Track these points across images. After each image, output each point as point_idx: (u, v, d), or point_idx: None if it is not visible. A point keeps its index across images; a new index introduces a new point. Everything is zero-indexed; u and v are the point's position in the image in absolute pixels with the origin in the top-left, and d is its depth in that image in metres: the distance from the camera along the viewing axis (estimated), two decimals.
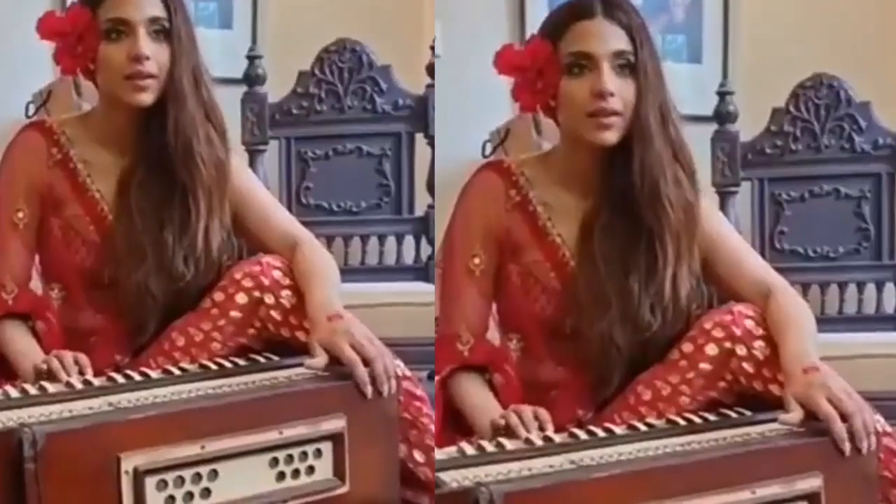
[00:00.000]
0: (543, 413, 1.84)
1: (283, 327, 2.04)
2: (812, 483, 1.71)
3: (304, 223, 2.20)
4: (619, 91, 1.93)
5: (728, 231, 2.07)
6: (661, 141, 1.95)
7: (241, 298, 2.05)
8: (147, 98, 2.04)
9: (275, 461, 1.82)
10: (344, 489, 1.84)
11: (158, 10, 2.05)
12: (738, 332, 1.92)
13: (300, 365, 1.95)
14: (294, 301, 2.04)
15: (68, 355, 1.94)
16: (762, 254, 2.33)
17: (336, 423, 1.85)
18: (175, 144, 2.05)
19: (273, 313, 2.04)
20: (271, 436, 1.81)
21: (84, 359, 1.95)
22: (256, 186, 2.19)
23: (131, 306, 2.05)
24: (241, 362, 2.00)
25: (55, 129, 2.12)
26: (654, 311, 1.94)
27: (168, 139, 2.05)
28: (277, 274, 2.05)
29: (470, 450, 1.74)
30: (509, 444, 1.75)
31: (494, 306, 2.05)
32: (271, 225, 2.14)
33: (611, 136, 1.93)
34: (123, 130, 2.08)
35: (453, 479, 1.64)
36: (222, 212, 2.08)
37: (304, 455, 1.84)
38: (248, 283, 2.05)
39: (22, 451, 1.64)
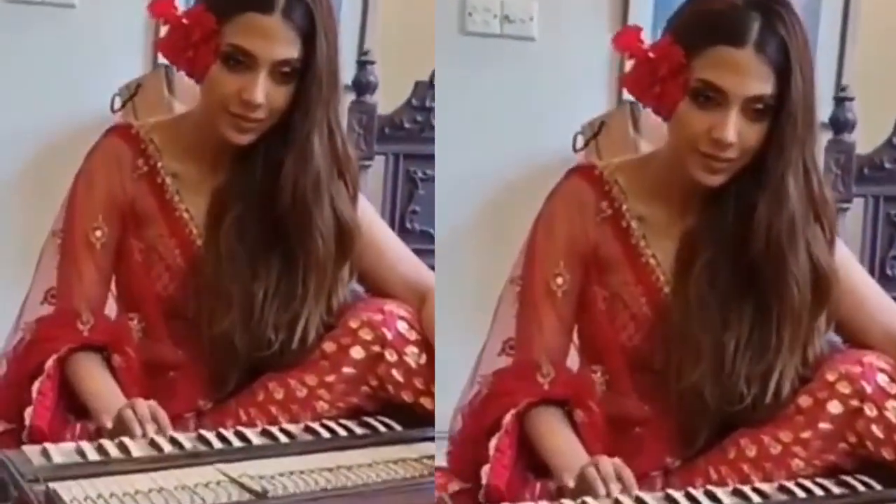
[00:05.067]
0: (628, 475, 1.66)
1: (406, 390, 1.85)
2: None
3: None
4: (743, 138, 1.71)
5: (852, 266, 1.88)
6: (800, 203, 1.75)
7: (357, 353, 1.84)
8: (246, 139, 1.83)
9: None
10: None
11: (292, 51, 1.80)
12: (868, 388, 1.74)
13: (430, 439, 1.74)
14: (421, 360, 1.84)
15: (143, 405, 1.74)
16: None
17: None
18: (291, 209, 1.83)
19: (395, 373, 1.84)
20: None
21: (163, 418, 1.73)
22: (377, 224, 1.98)
23: (213, 356, 1.84)
24: (357, 430, 1.78)
25: (142, 137, 1.92)
26: (751, 384, 1.75)
27: (282, 195, 1.83)
28: (402, 326, 1.86)
29: None
30: None
31: (575, 332, 1.84)
32: (396, 271, 1.94)
33: (715, 181, 1.75)
34: (220, 145, 1.86)
35: None
36: (335, 288, 1.86)
37: None
38: (366, 335, 1.85)
39: None
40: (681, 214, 1.81)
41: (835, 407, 1.75)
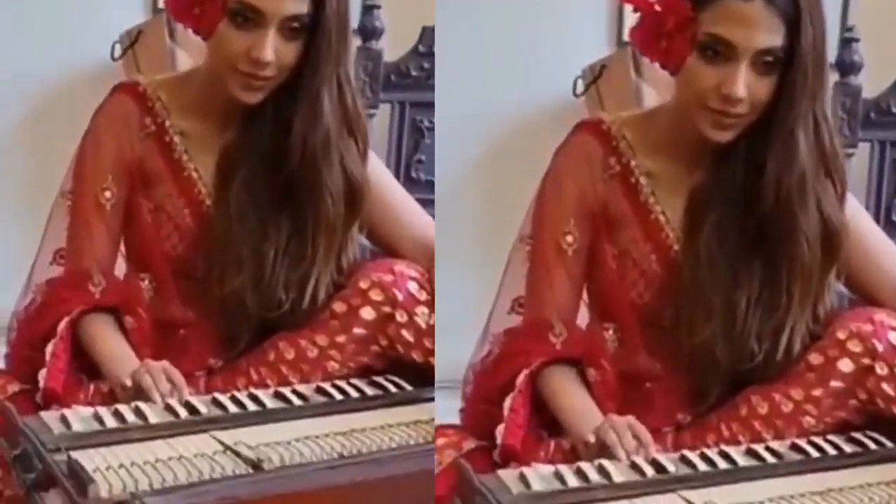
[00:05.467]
0: (645, 435, 1.66)
1: (416, 350, 1.83)
2: None
3: None
4: (752, 92, 1.68)
5: (862, 220, 1.86)
6: (810, 158, 1.72)
7: (368, 314, 1.83)
8: (255, 98, 1.81)
9: None
10: None
11: (301, 6, 1.76)
12: (879, 347, 1.73)
13: (433, 399, 1.74)
14: (431, 321, 1.82)
15: (160, 372, 1.73)
16: None
17: None
18: (300, 168, 1.81)
19: (405, 333, 1.83)
20: None
21: (178, 378, 1.73)
22: (386, 180, 1.96)
23: (224, 316, 1.83)
24: (368, 390, 1.78)
25: (149, 95, 1.89)
26: (762, 341, 1.74)
27: (291, 154, 1.81)
28: (413, 287, 1.84)
29: (570, 476, 1.56)
30: (615, 471, 1.58)
31: (585, 290, 1.83)
32: (403, 228, 1.92)
33: (724, 137, 1.72)
34: (228, 102, 1.83)
35: None
36: (345, 247, 1.85)
37: None
38: (376, 296, 1.83)
39: None
40: (689, 170, 1.79)
41: (846, 365, 1.74)
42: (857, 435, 1.74)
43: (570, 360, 1.80)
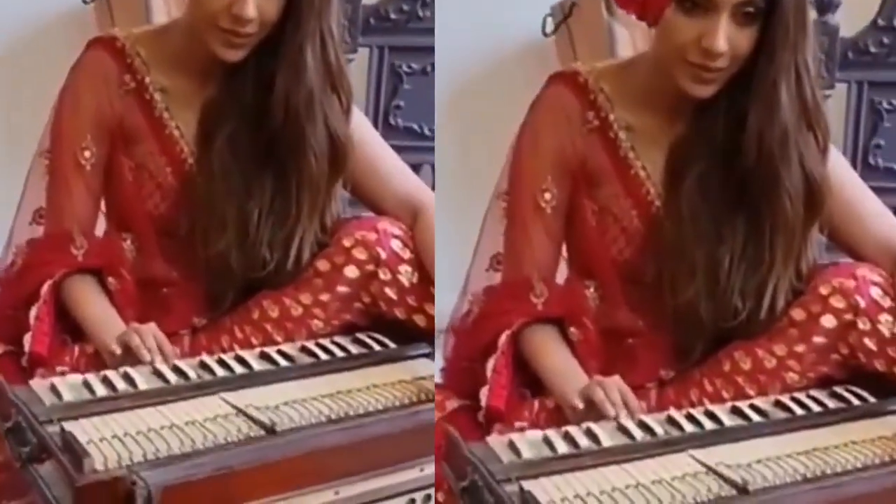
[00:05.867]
0: (632, 400, 1.65)
1: (399, 308, 1.83)
2: None
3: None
4: (733, 45, 1.65)
5: (844, 173, 1.84)
6: (791, 111, 1.69)
7: (351, 272, 1.82)
8: (237, 56, 1.77)
9: None
10: None
11: None
12: (862, 302, 1.73)
13: (425, 355, 1.74)
14: (414, 278, 1.82)
15: (147, 332, 1.72)
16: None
17: None
18: (283, 126, 1.79)
19: (388, 291, 1.82)
20: (410, 475, 1.61)
21: (167, 346, 1.72)
22: (370, 136, 1.93)
23: (209, 276, 1.82)
24: (352, 348, 1.78)
25: (128, 50, 1.85)
26: (745, 298, 1.73)
27: (274, 112, 1.79)
28: (396, 245, 1.83)
29: (560, 442, 1.55)
30: (603, 435, 1.57)
31: (565, 246, 1.82)
32: (389, 186, 1.90)
33: (705, 91, 1.69)
34: (209, 57, 1.79)
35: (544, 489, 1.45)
36: (328, 205, 1.83)
37: None
38: (360, 255, 1.82)
39: None
40: (670, 123, 1.76)
41: (828, 321, 1.74)
42: (840, 390, 1.74)
43: (551, 319, 1.78)
